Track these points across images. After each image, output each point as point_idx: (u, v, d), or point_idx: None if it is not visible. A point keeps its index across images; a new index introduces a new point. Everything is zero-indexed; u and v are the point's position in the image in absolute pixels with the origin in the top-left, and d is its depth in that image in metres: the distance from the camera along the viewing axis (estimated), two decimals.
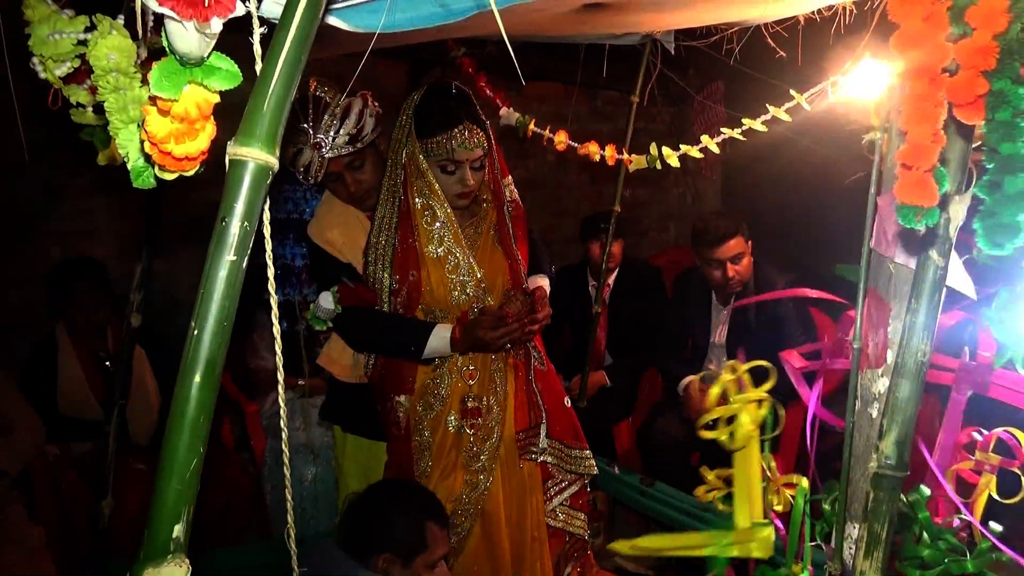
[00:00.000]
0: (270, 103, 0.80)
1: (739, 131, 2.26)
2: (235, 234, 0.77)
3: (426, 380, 2.18)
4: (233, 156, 0.79)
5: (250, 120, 0.80)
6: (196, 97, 0.90)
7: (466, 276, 2.15)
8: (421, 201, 2.13)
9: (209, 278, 0.77)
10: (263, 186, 0.80)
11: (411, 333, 2.12)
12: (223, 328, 0.77)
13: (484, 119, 2.13)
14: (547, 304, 2.19)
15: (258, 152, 0.79)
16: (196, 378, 0.76)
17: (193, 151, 0.93)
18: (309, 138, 2.13)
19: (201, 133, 0.94)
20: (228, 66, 0.91)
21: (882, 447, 1.01)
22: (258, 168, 0.79)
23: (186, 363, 0.76)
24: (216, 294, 0.77)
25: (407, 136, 2.10)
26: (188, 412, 0.76)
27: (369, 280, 2.16)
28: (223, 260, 0.76)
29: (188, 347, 0.76)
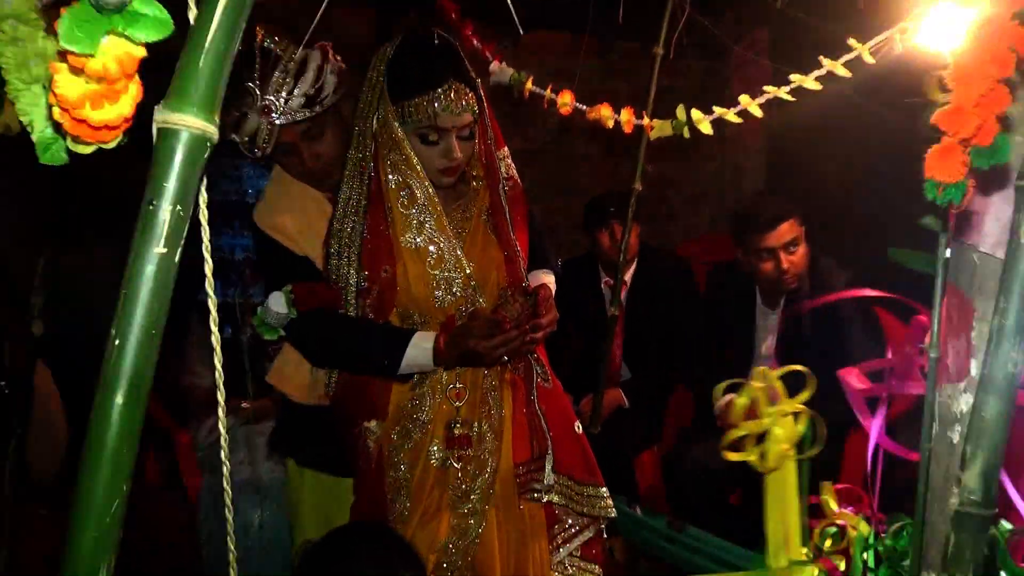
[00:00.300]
0: (207, 58, 0.80)
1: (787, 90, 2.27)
2: (166, 221, 0.77)
3: (403, 402, 2.19)
4: (162, 124, 0.80)
5: (183, 79, 0.80)
6: (117, 51, 0.90)
7: (452, 272, 2.16)
8: (396, 178, 2.13)
9: (133, 275, 0.77)
10: (200, 161, 0.80)
11: (384, 343, 2.13)
12: (151, 337, 0.77)
13: (474, 77, 2.14)
14: (552, 306, 2.20)
15: (193, 119, 0.79)
16: (118, 399, 0.76)
17: (114, 117, 0.94)
18: (256, 100, 2.13)
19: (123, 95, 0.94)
20: (156, 12, 0.91)
21: (965, 479, 1.02)
22: (193, 139, 0.80)
23: (105, 381, 0.76)
24: (142, 295, 0.76)
25: (378, 98, 2.10)
26: (108, 442, 0.76)
27: (331, 277, 2.17)
28: (151, 253, 0.77)
29: (108, 361, 0.76)
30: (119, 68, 0.90)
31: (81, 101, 0.92)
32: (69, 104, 0.92)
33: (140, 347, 0.77)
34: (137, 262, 0.77)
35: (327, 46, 2.24)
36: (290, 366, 2.36)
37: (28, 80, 1.06)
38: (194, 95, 0.80)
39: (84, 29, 0.87)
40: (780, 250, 3.12)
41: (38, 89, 1.07)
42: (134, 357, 0.77)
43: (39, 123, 1.07)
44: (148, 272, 0.77)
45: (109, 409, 0.76)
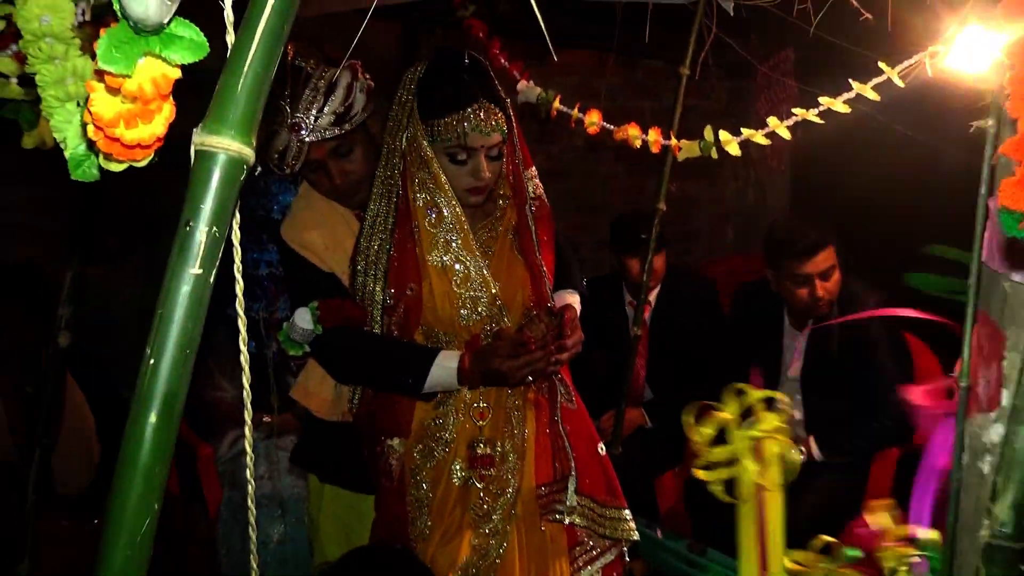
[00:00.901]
0: (246, 82, 0.81)
1: (814, 112, 2.26)
2: (202, 242, 0.77)
3: (426, 420, 2.19)
4: (200, 146, 0.81)
5: (221, 103, 0.81)
6: (153, 72, 0.91)
7: (478, 291, 2.16)
8: (424, 197, 2.14)
9: (169, 295, 0.77)
10: (236, 184, 0.81)
11: (408, 361, 2.13)
12: (185, 357, 0.78)
13: (504, 96, 2.15)
14: (578, 328, 2.19)
15: (230, 142, 0.80)
16: (151, 418, 0.76)
17: (147, 137, 0.95)
18: (286, 117, 2.15)
19: (157, 115, 0.95)
20: (192, 35, 0.92)
21: (996, 511, 1.01)
22: (230, 162, 0.80)
23: (139, 399, 0.77)
24: (177, 315, 0.77)
25: (408, 117, 2.11)
26: (141, 459, 0.77)
27: (357, 294, 2.18)
28: (186, 273, 0.77)
29: (142, 379, 0.77)
30: (154, 89, 0.91)
31: (116, 120, 0.92)
32: (104, 123, 0.93)
33: (174, 366, 0.77)
34: (173, 282, 0.78)
35: (357, 64, 2.25)
36: (314, 382, 2.36)
37: (63, 98, 1.07)
38: (232, 118, 0.81)
39: (122, 50, 0.88)
40: (816, 277, 3.10)
41: (72, 107, 1.08)
42: (168, 376, 0.77)
43: (72, 140, 1.08)
44: (183, 292, 0.77)
45: (143, 427, 0.77)
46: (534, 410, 2.24)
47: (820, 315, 3.20)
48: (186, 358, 0.78)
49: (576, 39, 4.43)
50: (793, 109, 2.31)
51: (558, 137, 5.00)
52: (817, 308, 3.15)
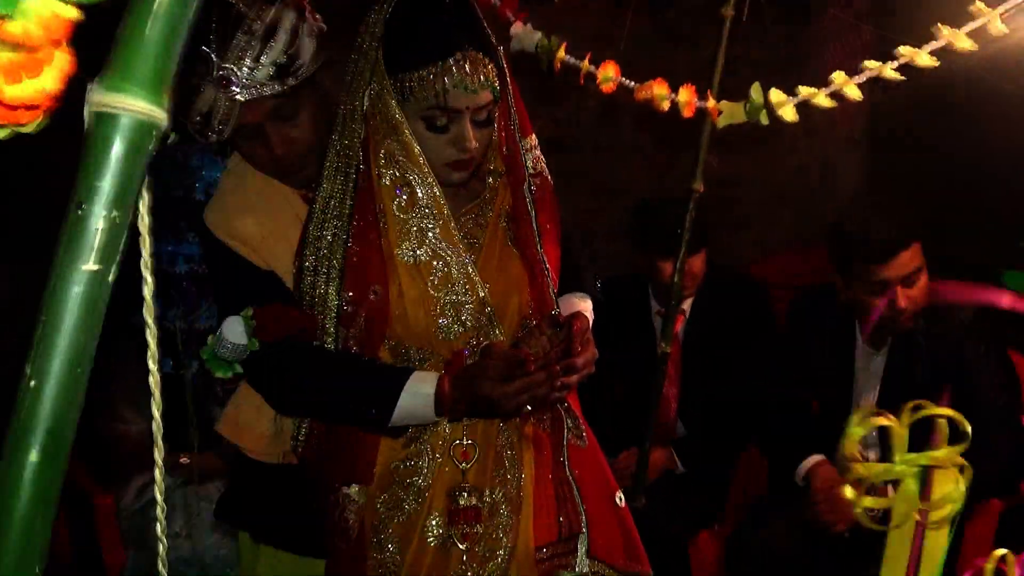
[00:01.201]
0: (157, 23, 0.79)
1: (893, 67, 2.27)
2: (98, 230, 0.76)
3: (394, 462, 2.19)
4: (98, 107, 0.79)
5: (125, 51, 0.80)
6: (41, 11, 0.91)
7: (462, 294, 2.17)
8: (392, 173, 2.14)
9: (55, 299, 0.76)
10: (144, 154, 0.80)
11: (371, 386, 2.13)
12: (76, 378, 0.77)
13: (495, 44, 2.15)
14: (590, 342, 2.20)
15: (136, 101, 0.79)
16: (31, 456, 0.75)
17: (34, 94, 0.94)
18: (212, 69, 2.13)
19: (48, 67, 0.95)
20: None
21: None
22: (137, 126, 0.79)
23: (16, 433, 0.76)
24: (66, 324, 0.76)
25: (371, 70, 2.11)
26: (18, 510, 0.76)
27: (304, 299, 2.17)
28: (78, 271, 0.76)
29: (20, 407, 0.76)
30: (44, 33, 0.91)
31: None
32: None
33: (62, 390, 0.77)
34: (61, 282, 0.76)
35: (303, 1, 2.24)
36: (247, 412, 2.37)
37: None
38: (139, 71, 0.80)
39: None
40: (898, 283, 3.10)
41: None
42: (54, 403, 0.76)
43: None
44: (74, 295, 0.76)
45: (21, 468, 0.76)
46: (533, 450, 2.24)
47: (902, 330, 3.20)
48: (77, 379, 0.77)
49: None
50: (866, 63, 2.32)
51: (565, 98, 5.02)
52: (899, 322, 3.16)
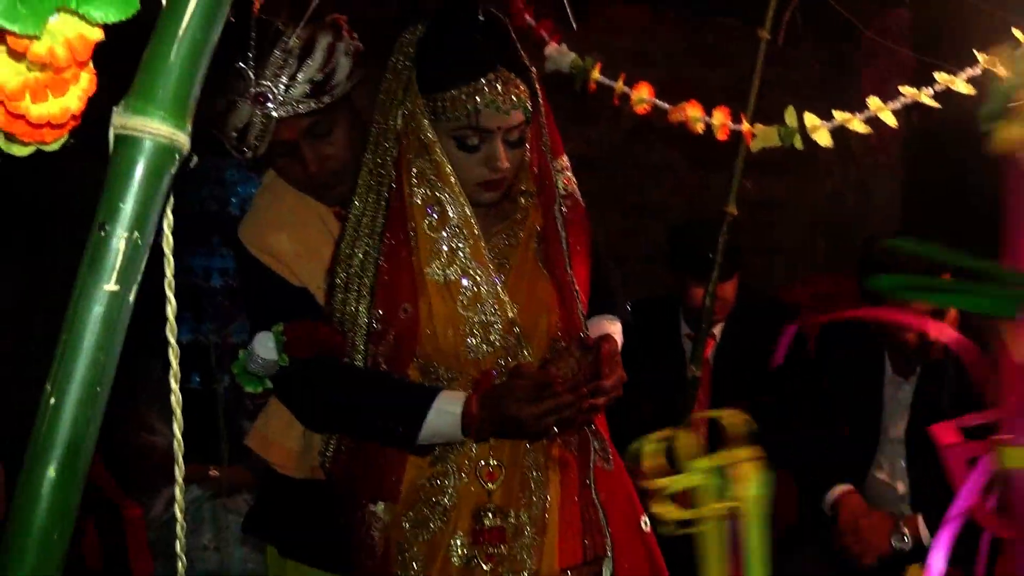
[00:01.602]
0: (180, 49, 0.80)
1: (929, 93, 2.25)
2: (120, 251, 0.77)
3: (420, 480, 2.19)
4: (121, 130, 0.80)
5: (149, 75, 0.81)
6: (67, 32, 0.92)
7: (490, 314, 2.16)
8: (423, 192, 2.15)
9: (77, 317, 0.77)
10: (165, 178, 0.81)
11: (399, 404, 2.13)
12: (94, 396, 0.77)
13: (528, 65, 2.15)
14: (619, 364, 2.19)
15: (159, 125, 0.80)
16: (50, 472, 0.75)
17: (58, 113, 0.95)
18: (248, 85, 2.15)
19: (72, 87, 0.96)
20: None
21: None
22: (158, 150, 0.80)
23: (36, 449, 0.76)
24: (86, 343, 0.77)
25: (404, 89, 2.12)
26: (35, 524, 0.76)
27: (335, 315, 2.18)
28: (99, 290, 0.77)
29: (40, 424, 0.76)
30: (69, 53, 0.91)
31: (20, 91, 0.93)
32: (5, 95, 0.93)
33: (81, 408, 0.77)
34: (82, 301, 0.77)
35: (340, 20, 2.26)
36: (276, 427, 2.37)
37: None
38: (162, 95, 0.81)
39: (28, 4, 0.88)
40: (928, 314, 3.08)
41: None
42: (73, 420, 0.77)
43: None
44: (95, 314, 0.77)
45: (39, 483, 0.76)
46: (559, 471, 2.23)
47: (933, 360, 3.17)
48: (96, 397, 0.77)
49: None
50: (902, 88, 2.30)
51: (598, 117, 4.99)
52: (929, 351, 3.13)
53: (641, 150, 5.23)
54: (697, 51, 5.27)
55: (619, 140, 5.17)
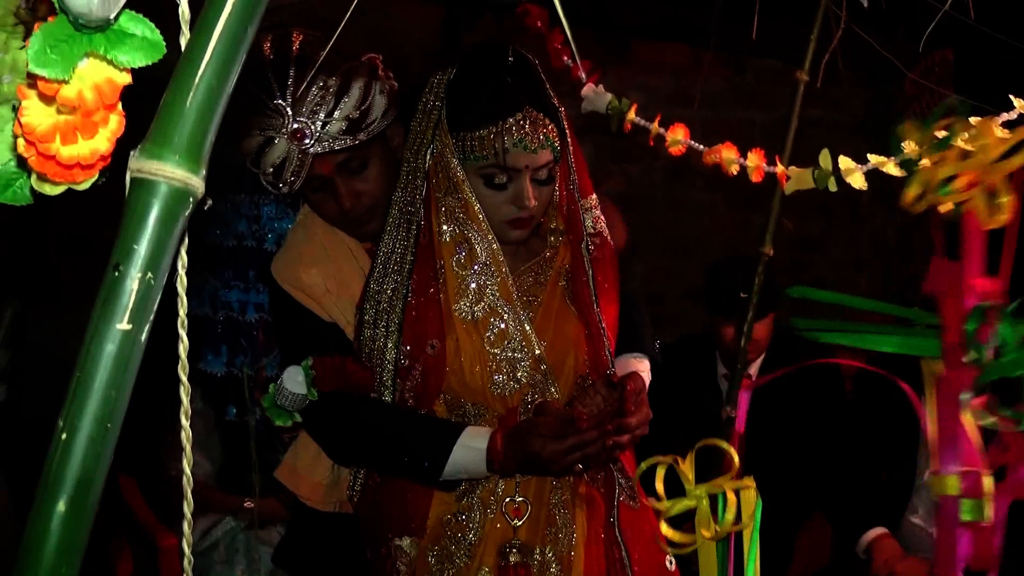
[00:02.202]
0: (196, 95, 0.82)
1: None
2: (132, 291, 0.79)
3: (445, 516, 2.20)
4: (136, 173, 0.82)
5: (165, 120, 0.83)
6: (96, 76, 0.95)
7: (517, 351, 2.18)
8: (452, 230, 2.18)
9: (90, 356, 0.79)
10: (179, 221, 0.82)
11: (425, 439, 2.15)
12: (105, 432, 0.78)
13: (557, 104, 2.17)
14: (645, 402, 2.20)
15: (174, 169, 0.82)
16: (59, 506, 0.77)
17: (87, 154, 0.98)
18: (286, 122, 2.18)
19: (101, 129, 0.99)
20: (146, 32, 0.95)
21: None
22: (173, 194, 0.82)
23: (46, 483, 0.77)
24: (98, 381, 0.78)
25: (434, 128, 2.15)
26: (44, 559, 0.77)
27: (364, 351, 2.21)
28: (112, 329, 0.79)
29: (51, 459, 0.77)
30: (97, 97, 0.94)
31: (51, 134, 0.96)
32: (36, 136, 0.96)
33: (92, 444, 0.78)
34: (95, 339, 0.79)
35: (376, 59, 2.29)
36: (305, 461, 2.38)
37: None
38: (177, 140, 0.83)
39: (59, 50, 0.91)
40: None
41: (7, 111, 1.12)
42: (84, 456, 0.78)
43: (2, 153, 1.12)
44: (107, 352, 0.79)
45: (48, 518, 0.77)
46: (585, 509, 2.23)
47: None
48: (106, 434, 0.79)
49: (665, 29, 4.46)
50: (936, 133, 2.29)
51: (638, 155, 5.02)
52: None
53: (681, 189, 5.23)
54: (738, 91, 5.26)
55: (659, 178, 5.18)
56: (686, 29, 4.11)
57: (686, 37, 4.59)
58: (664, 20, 4.32)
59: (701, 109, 4.61)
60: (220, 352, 2.84)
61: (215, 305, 2.84)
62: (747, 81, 5.28)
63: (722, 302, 3.78)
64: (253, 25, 0.84)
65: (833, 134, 5.13)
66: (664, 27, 4.43)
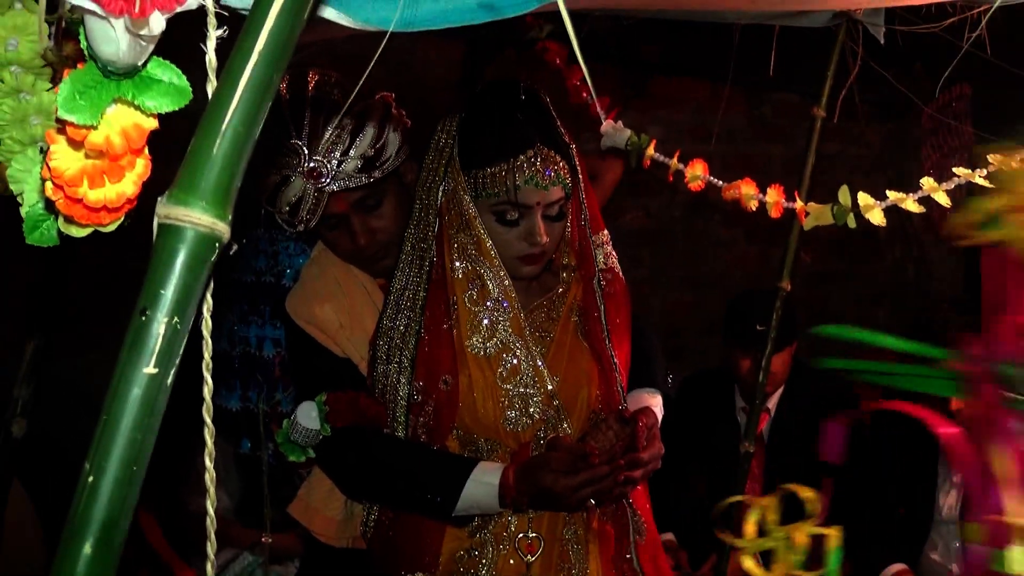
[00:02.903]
0: (223, 143, 0.85)
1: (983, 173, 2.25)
2: (159, 335, 0.81)
3: (458, 552, 2.20)
4: (164, 219, 0.85)
5: (192, 167, 0.85)
6: (124, 122, 0.98)
7: (530, 387, 2.19)
8: (464, 266, 2.20)
9: (117, 398, 0.81)
10: (205, 266, 0.85)
11: (438, 474, 2.16)
12: (131, 475, 0.80)
13: (568, 140, 2.20)
14: (657, 437, 2.19)
15: (201, 215, 0.84)
16: (86, 549, 0.78)
17: (114, 198, 1.01)
18: (302, 160, 2.20)
19: (128, 173, 1.02)
20: (172, 78, 0.99)
21: None
22: (200, 239, 0.84)
23: (73, 525, 0.79)
24: (124, 423, 0.80)
25: (446, 165, 2.18)
26: None
27: (377, 386, 2.23)
28: (139, 373, 0.81)
29: (78, 501, 0.79)
30: (124, 142, 0.98)
31: (78, 178, 0.99)
32: (64, 181, 0.99)
33: (118, 486, 0.80)
34: (122, 383, 0.81)
35: (389, 97, 2.32)
36: (318, 496, 2.39)
37: (25, 141, 1.14)
38: (204, 186, 0.85)
39: (88, 97, 0.95)
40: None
41: (34, 153, 1.15)
42: (110, 498, 0.80)
43: (30, 195, 1.15)
44: (134, 396, 0.81)
45: (75, 561, 0.79)
46: (599, 544, 2.24)
47: None
48: (132, 476, 0.81)
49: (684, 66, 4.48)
50: (956, 169, 2.29)
51: (657, 189, 5.02)
52: None
53: (700, 223, 5.24)
54: (756, 126, 5.28)
55: (679, 213, 5.19)
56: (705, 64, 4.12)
57: (705, 72, 4.61)
58: (683, 55, 4.34)
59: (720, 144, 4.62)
60: (235, 387, 2.86)
61: (232, 340, 2.86)
62: (766, 115, 5.30)
63: (739, 335, 3.79)
64: (279, 73, 0.87)
65: (850, 169, 5.13)
66: (683, 62, 4.45)
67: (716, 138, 4.83)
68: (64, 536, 0.81)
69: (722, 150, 2.77)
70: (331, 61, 2.34)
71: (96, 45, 0.93)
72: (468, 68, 4.43)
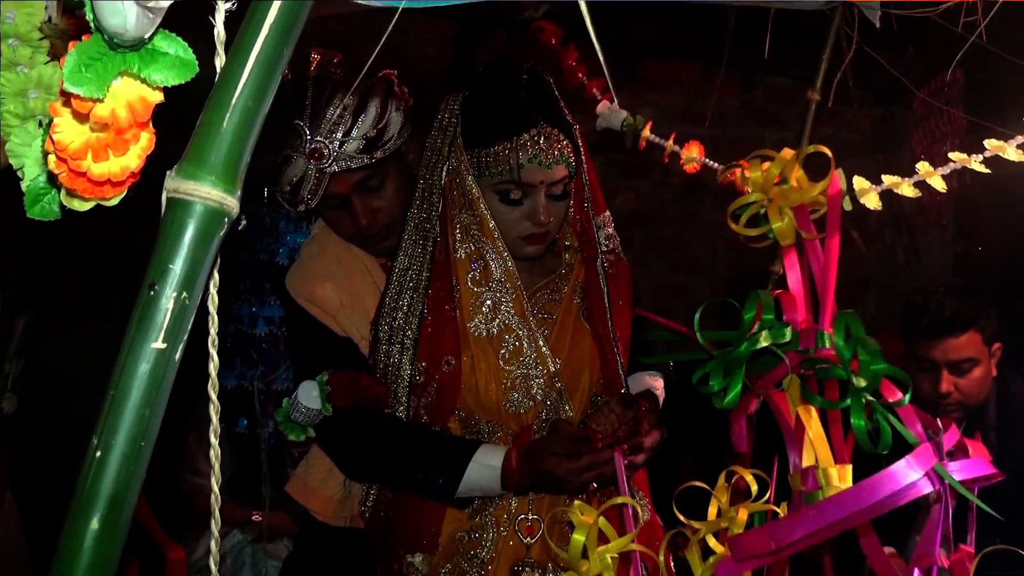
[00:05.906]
0: (233, 117, 0.83)
1: (979, 159, 2.24)
2: (168, 310, 0.79)
3: (458, 533, 2.20)
4: (173, 193, 0.83)
5: (202, 141, 0.84)
6: (129, 95, 0.95)
7: (532, 368, 2.18)
8: (467, 247, 2.18)
9: (124, 373, 0.79)
10: (214, 240, 0.83)
11: (439, 456, 2.15)
12: (139, 450, 0.79)
13: (571, 120, 2.18)
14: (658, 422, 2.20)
15: (210, 189, 0.82)
16: (93, 524, 0.77)
17: (118, 171, 0.98)
18: (304, 141, 2.19)
19: (132, 146, 1.00)
20: (179, 51, 0.96)
21: None
22: (209, 213, 0.83)
23: (80, 501, 0.78)
24: (132, 399, 0.79)
25: (449, 145, 2.16)
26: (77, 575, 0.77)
27: (378, 367, 2.21)
28: (147, 348, 0.79)
29: (85, 476, 0.78)
30: (130, 115, 0.95)
31: (83, 151, 0.96)
32: (68, 154, 0.97)
33: (125, 462, 0.79)
34: (130, 358, 0.79)
35: (392, 75, 2.29)
36: (316, 475, 2.38)
37: (23, 114, 1.12)
38: (213, 161, 0.83)
39: (93, 69, 0.92)
40: (943, 367, 3.05)
41: (33, 127, 1.12)
42: (117, 474, 0.79)
43: (31, 169, 1.12)
44: (142, 371, 0.79)
45: (82, 535, 0.78)
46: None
47: (946, 416, 3.14)
48: (140, 452, 0.79)
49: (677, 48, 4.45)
50: (951, 154, 2.28)
51: (649, 172, 5.01)
52: (940, 407, 3.09)
53: (691, 206, 5.23)
54: (748, 110, 5.27)
55: (669, 195, 5.17)
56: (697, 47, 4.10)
57: (697, 55, 4.60)
58: (675, 38, 4.32)
59: (711, 127, 4.61)
60: (235, 365, 2.84)
61: (226, 318, 2.84)
62: (757, 99, 5.28)
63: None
64: (289, 47, 0.85)
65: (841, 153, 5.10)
66: (675, 45, 4.43)
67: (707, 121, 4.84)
68: (71, 511, 0.80)
69: (713, 133, 2.76)
70: (320, 41, 2.31)
71: (103, 17, 0.90)
72: (459, 50, 4.41)
